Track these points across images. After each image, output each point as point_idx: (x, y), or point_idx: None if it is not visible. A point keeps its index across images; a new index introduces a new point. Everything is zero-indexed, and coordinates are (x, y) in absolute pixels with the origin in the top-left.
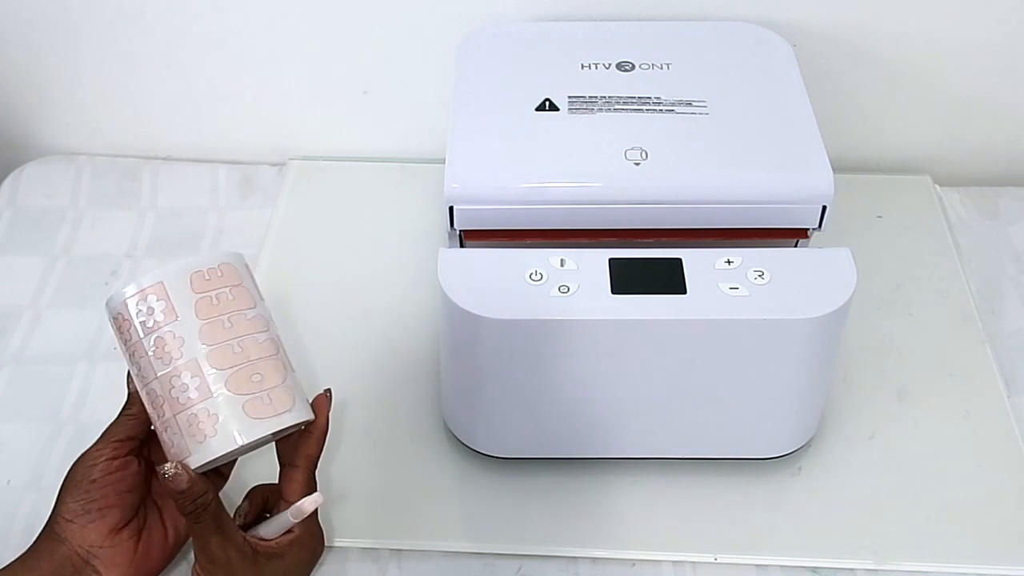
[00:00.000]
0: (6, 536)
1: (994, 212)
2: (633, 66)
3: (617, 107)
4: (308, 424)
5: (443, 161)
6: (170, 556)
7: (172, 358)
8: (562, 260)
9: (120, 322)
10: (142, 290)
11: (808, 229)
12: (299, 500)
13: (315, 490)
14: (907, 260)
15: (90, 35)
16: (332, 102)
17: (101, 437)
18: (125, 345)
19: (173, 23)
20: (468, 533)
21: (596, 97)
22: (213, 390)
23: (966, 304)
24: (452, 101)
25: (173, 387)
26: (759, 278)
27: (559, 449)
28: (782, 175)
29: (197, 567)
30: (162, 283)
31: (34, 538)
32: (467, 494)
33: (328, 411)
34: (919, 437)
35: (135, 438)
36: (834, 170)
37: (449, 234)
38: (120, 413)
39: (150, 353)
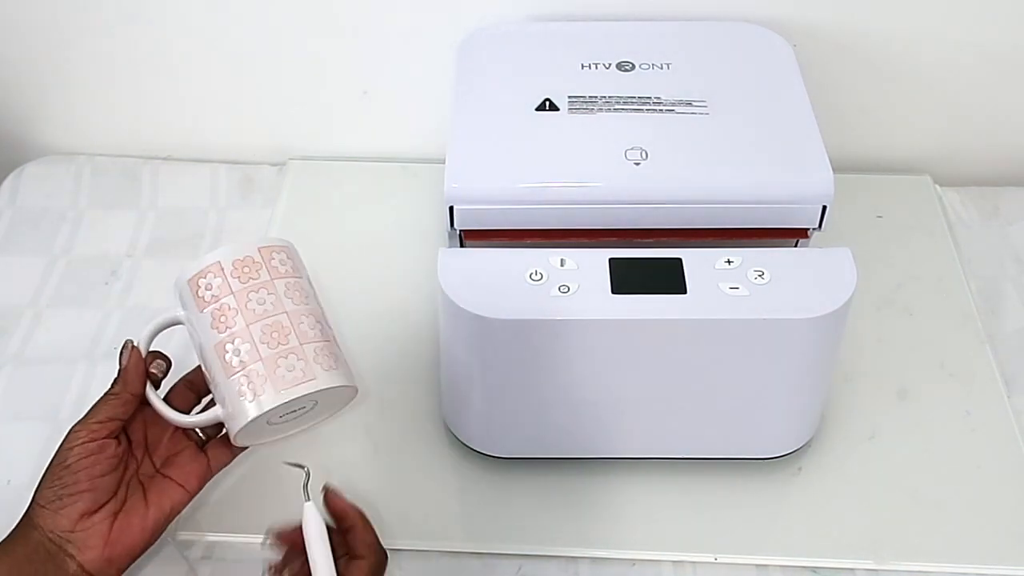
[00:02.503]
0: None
1: (994, 212)
2: (633, 66)
3: (617, 107)
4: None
5: (443, 161)
6: (152, 535)
7: (228, 327)
8: (562, 260)
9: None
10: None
11: (808, 229)
12: None
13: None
14: (907, 260)
15: (90, 35)
16: (332, 102)
17: (82, 418)
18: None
19: (173, 23)
20: (468, 533)
21: (596, 97)
22: (250, 358)
23: (966, 304)
24: (452, 101)
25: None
26: (759, 278)
27: (559, 449)
28: (782, 175)
29: None
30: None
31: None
32: (467, 494)
33: (345, 503)
34: (919, 437)
35: (115, 419)
36: (834, 170)
37: (449, 234)
38: (105, 392)
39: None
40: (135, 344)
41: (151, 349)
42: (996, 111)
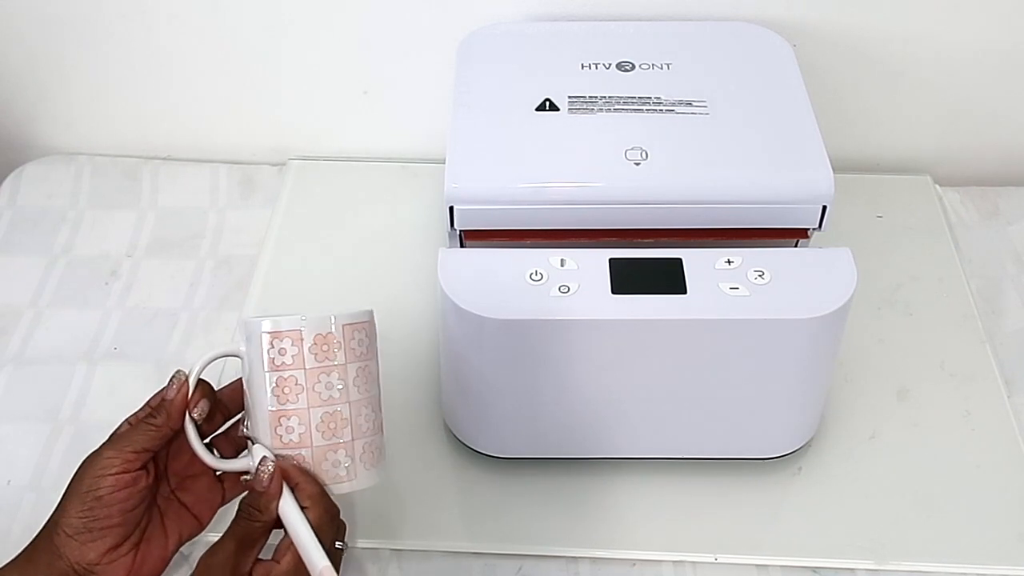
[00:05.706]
0: (6, 536)
1: (994, 212)
2: (633, 66)
3: (617, 107)
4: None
5: (443, 161)
6: (168, 560)
7: (288, 400)
8: (562, 260)
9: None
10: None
11: (808, 229)
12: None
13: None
14: (907, 260)
15: (90, 35)
16: (332, 102)
17: (115, 441)
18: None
19: (173, 23)
20: (468, 533)
21: (596, 97)
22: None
23: (966, 304)
24: (452, 101)
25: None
26: (759, 278)
27: (559, 449)
28: (782, 175)
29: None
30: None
31: (35, 535)
32: (467, 494)
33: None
34: (919, 437)
35: (150, 451)
36: (834, 170)
37: (449, 234)
38: (142, 421)
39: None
40: (186, 376)
41: (201, 378)
42: (996, 111)
